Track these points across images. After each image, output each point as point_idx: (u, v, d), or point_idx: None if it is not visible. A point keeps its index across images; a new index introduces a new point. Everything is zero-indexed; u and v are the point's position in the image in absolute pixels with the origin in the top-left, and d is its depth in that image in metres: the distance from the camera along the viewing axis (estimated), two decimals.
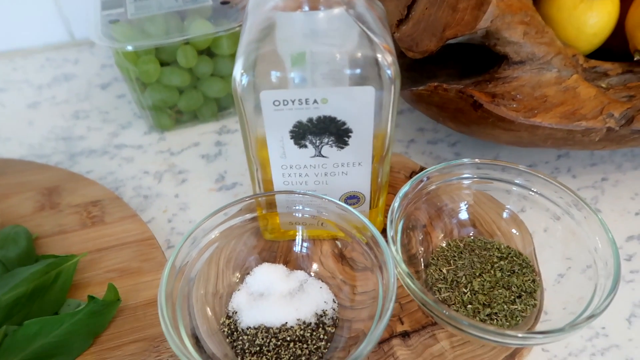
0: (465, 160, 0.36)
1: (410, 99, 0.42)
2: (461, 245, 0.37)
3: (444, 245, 0.37)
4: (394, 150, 0.49)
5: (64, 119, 0.54)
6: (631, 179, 0.45)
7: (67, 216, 0.41)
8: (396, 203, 0.34)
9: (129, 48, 0.45)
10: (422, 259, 0.36)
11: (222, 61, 0.50)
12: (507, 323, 0.32)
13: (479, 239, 0.37)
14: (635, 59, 0.40)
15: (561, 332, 0.27)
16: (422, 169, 0.44)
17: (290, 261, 0.36)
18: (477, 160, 0.36)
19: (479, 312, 0.33)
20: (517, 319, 0.32)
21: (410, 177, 0.44)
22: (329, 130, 0.31)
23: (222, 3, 0.49)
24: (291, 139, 0.31)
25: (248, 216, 0.36)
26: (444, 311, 0.28)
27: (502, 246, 0.36)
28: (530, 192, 0.36)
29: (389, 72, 0.29)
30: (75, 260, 0.36)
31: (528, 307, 0.33)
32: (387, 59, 0.28)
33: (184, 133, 0.52)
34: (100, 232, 0.40)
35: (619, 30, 0.42)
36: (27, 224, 0.41)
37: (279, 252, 0.37)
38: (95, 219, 0.41)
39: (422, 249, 0.37)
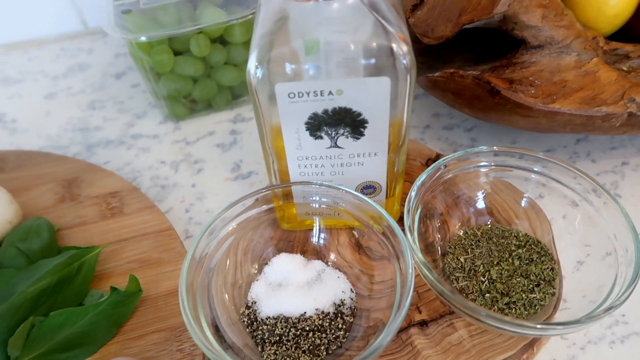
0: (483, 147, 0.36)
1: (426, 85, 0.42)
2: (478, 233, 0.36)
3: (461, 233, 0.37)
4: (409, 136, 0.48)
5: (80, 109, 0.55)
6: None
7: (86, 207, 0.42)
8: (413, 192, 0.33)
9: (142, 39, 0.45)
10: (439, 248, 0.36)
11: (236, 49, 0.49)
12: (526, 312, 0.32)
13: (497, 227, 0.37)
14: None
15: (579, 324, 0.27)
16: (438, 156, 0.44)
17: (308, 251, 0.37)
18: (494, 147, 0.36)
19: (497, 301, 0.33)
20: (536, 307, 0.32)
21: (427, 164, 0.43)
22: (344, 122, 0.31)
23: None
24: (307, 130, 0.31)
25: (265, 207, 0.36)
26: (462, 301, 0.28)
27: (520, 234, 0.36)
28: (549, 179, 0.36)
29: (404, 61, 0.28)
30: (97, 251, 0.37)
31: (547, 295, 0.33)
32: (402, 49, 0.28)
33: (198, 122, 0.52)
34: (119, 224, 0.41)
35: None
36: (49, 215, 0.41)
37: (295, 242, 0.37)
38: (114, 210, 0.42)
39: (440, 237, 0.37)
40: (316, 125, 0.31)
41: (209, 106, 0.53)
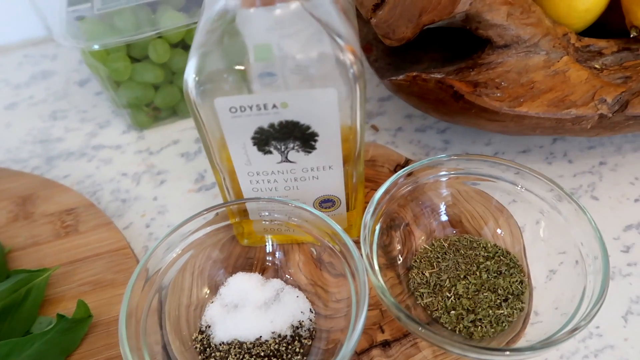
0: (446, 156, 0.34)
1: (391, 88, 0.40)
2: (445, 245, 0.35)
3: (427, 245, 0.35)
4: (380, 140, 0.47)
5: (41, 120, 0.53)
6: (631, 162, 0.43)
7: (40, 226, 0.40)
8: (368, 215, 0.31)
9: (96, 47, 0.43)
10: (403, 262, 0.34)
11: None
12: (492, 330, 0.30)
13: (465, 238, 0.35)
14: (631, 35, 0.37)
15: (542, 348, 0.25)
16: (407, 161, 0.42)
17: (266, 268, 0.35)
18: (459, 156, 0.34)
19: (462, 319, 0.31)
20: (503, 324, 0.31)
21: (395, 170, 0.41)
22: (293, 135, 0.29)
23: None
24: (254, 145, 0.29)
25: (223, 223, 0.34)
26: (417, 329, 0.26)
27: (489, 245, 0.34)
28: (519, 187, 0.34)
29: (351, 71, 0.26)
30: (46, 274, 0.35)
31: (515, 311, 0.31)
32: (349, 58, 0.26)
33: (163, 130, 0.50)
34: (73, 243, 0.39)
35: (615, 3, 0.38)
36: (1, 236, 0.40)
37: (255, 259, 0.35)
38: (69, 228, 0.40)
39: (404, 250, 0.35)
40: (263, 140, 0.29)
41: (173, 113, 0.51)
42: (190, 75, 0.27)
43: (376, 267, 0.30)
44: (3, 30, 0.62)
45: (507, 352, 0.26)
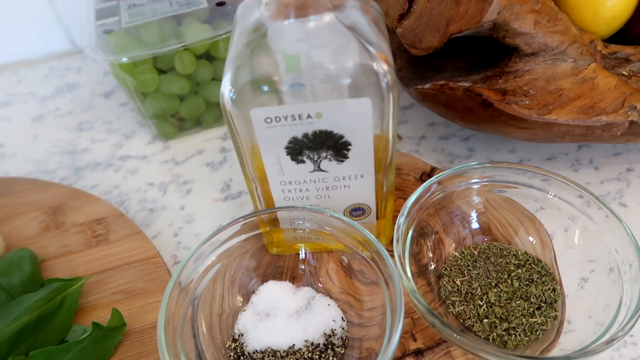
0: (475, 163, 0.34)
1: (416, 97, 0.40)
2: (475, 253, 0.35)
3: (457, 253, 0.35)
4: (404, 149, 0.47)
5: (68, 131, 0.54)
6: None
7: (72, 236, 0.41)
8: (403, 214, 0.32)
9: (124, 60, 0.43)
10: (434, 270, 0.34)
11: (222, 65, 0.47)
12: (527, 338, 0.30)
13: (495, 246, 0.35)
14: None
15: (579, 358, 0.25)
16: (433, 169, 0.42)
17: (297, 277, 0.35)
18: (487, 164, 0.34)
19: (495, 327, 0.31)
20: (537, 333, 0.31)
21: (421, 179, 0.42)
22: (326, 145, 0.29)
23: (218, 4, 0.48)
24: (287, 155, 0.30)
25: (252, 233, 0.34)
26: (453, 335, 0.26)
27: (520, 253, 0.34)
28: (547, 194, 0.34)
29: (385, 80, 0.27)
30: (80, 284, 0.36)
31: (548, 319, 0.31)
32: (382, 67, 0.26)
33: (187, 140, 0.51)
34: (105, 252, 0.39)
35: None
36: (33, 245, 0.40)
37: (285, 267, 0.36)
38: (99, 237, 0.41)
39: (434, 258, 0.35)
40: (297, 149, 0.29)
41: (197, 124, 0.51)
42: (226, 87, 0.27)
43: (408, 272, 0.30)
44: (28, 44, 0.64)
45: None
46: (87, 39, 0.45)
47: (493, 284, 0.33)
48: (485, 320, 0.31)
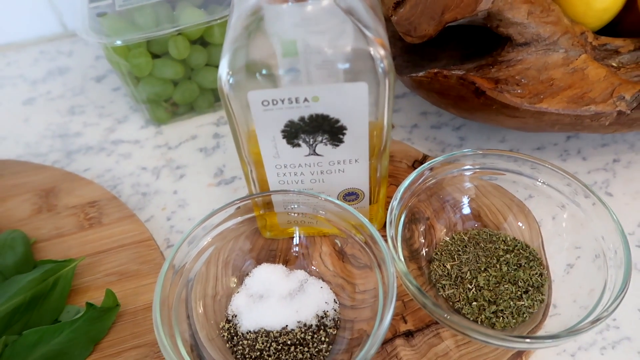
0: (469, 150, 0.35)
1: (410, 85, 0.40)
2: (465, 238, 0.35)
3: (447, 239, 0.36)
4: (396, 137, 0.47)
5: (59, 115, 0.54)
6: None
7: (64, 218, 0.41)
8: (396, 198, 0.32)
9: (118, 43, 0.43)
10: (425, 254, 0.35)
11: (217, 50, 0.48)
12: (514, 320, 0.31)
13: (484, 232, 0.36)
14: None
15: (566, 337, 0.26)
16: (425, 157, 0.43)
17: (290, 260, 0.36)
18: (479, 151, 0.35)
19: (484, 310, 0.32)
20: (524, 315, 0.31)
21: (413, 166, 0.42)
22: (322, 129, 0.30)
23: None
24: (283, 138, 0.30)
25: (246, 216, 0.35)
26: (444, 315, 0.27)
27: (508, 238, 0.35)
28: (537, 181, 0.35)
29: (382, 65, 0.27)
30: (73, 265, 0.36)
31: (535, 302, 0.32)
32: (379, 52, 0.27)
33: (181, 126, 0.51)
34: (98, 234, 0.39)
35: (631, 3, 0.39)
36: (25, 227, 0.40)
37: (278, 250, 0.36)
38: (92, 220, 0.41)
39: (425, 243, 0.36)
40: (293, 133, 0.30)
41: (191, 109, 0.51)
42: (224, 70, 0.27)
43: (401, 255, 0.30)
44: (18, 27, 0.63)
45: (528, 340, 0.27)
46: (80, 21, 0.45)
47: (482, 269, 0.33)
48: (474, 303, 0.32)
